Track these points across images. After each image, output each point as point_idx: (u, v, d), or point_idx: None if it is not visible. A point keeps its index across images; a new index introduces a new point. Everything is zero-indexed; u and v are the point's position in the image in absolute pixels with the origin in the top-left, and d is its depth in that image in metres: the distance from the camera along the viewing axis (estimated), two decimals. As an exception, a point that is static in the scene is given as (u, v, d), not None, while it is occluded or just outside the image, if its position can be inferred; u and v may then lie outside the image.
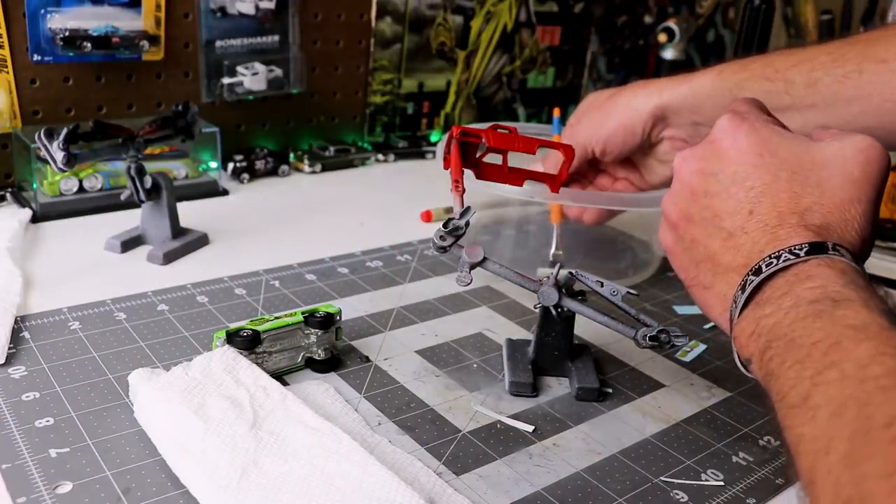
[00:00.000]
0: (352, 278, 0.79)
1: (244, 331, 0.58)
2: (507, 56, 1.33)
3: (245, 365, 0.56)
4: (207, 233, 0.86)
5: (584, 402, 0.60)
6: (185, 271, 0.77)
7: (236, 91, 1.06)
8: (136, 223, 0.84)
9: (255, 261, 0.80)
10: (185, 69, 1.03)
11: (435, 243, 0.54)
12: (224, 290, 0.73)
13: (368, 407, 0.57)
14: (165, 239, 0.82)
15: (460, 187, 0.56)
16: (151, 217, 0.83)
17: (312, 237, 0.89)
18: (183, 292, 0.72)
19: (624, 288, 0.57)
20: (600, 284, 0.57)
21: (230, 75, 1.06)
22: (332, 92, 1.18)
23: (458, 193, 0.56)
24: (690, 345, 0.70)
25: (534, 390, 0.60)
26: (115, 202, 0.89)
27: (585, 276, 0.58)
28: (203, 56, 1.03)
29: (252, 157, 1.07)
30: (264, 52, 1.08)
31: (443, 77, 1.28)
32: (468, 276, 0.54)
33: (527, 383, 0.60)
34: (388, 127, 1.25)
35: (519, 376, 0.60)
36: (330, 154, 1.14)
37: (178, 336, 0.65)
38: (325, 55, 1.15)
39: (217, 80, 1.05)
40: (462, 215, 0.55)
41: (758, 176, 0.48)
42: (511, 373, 0.61)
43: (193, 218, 0.89)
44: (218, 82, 1.05)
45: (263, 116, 1.13)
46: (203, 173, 1.02)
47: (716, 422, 0.60)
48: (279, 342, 0.60)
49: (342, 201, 1.03)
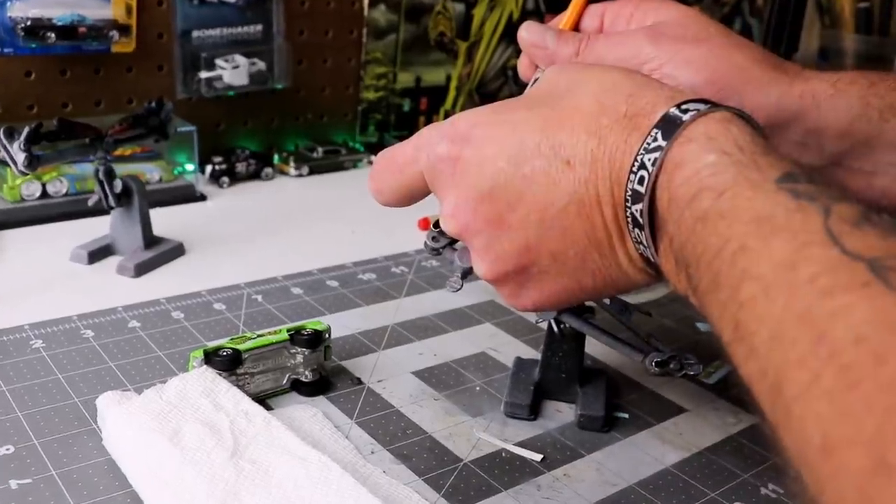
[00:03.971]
0: (342, 292, 0.79)
1: (224, 350, 0.58)
2: (513, 47, 1.33)
3: (225, 387, 0.56)
4: (183, 242, 0.86)
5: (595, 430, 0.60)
6: (159, 284, 0.78)
7: (215, 86, 1.07)
8: (104, 231, 0.84)
9: (236, 273, 0.81)
10: (159, 62, 1.04)
11: (427, 245, 0.54)
12: (202, 305, 0.74)
13: (360, 433, 0.58)
14: (137, 249, 0.82)
15: None
16: (122, 225, 0.83)
17: (299, 247, 0.89)
18: (156, 307, 0.72)
19: (633, 305, 0.57)
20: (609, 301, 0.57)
21: (208, 69, 1.06)
22: (321, 87, 1.19)
23: None
24: (714, 365, 0.71)
25: (532, 413, 0.60)
26: (82, 208, 0.89)
27: None
28: (178, 48, 1.04)
29: (232, 159, 1.08)
30: (246, 43, 1.08)
31: (442, 71, 1.28)
32: (458, 282, 0.54)
33: (523, 405, 0.60)
34: (381, 125, 1.26)
35: (516, 397, 0.61)
36: (318, 155, 1.15)
37: (150, 355, 0.65)
38: (313, 47, 1.16)
39: (194, 75, 1.06)
40: None
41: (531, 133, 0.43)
42: (509, 393, 0.61)
43: (168, 226, 0.90)
44: (195, 76, 1.06)
45: (245, 114, 1.14)
46: (179, 177, 1.03)
47: (743, 450, 0.60)
48: (262, 362, 0.60)
49: (332, 207, 1.03)
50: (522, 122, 0.44)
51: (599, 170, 0.41)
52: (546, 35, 0.57)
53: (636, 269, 0.43)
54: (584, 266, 0.44)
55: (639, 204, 0.40)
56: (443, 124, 0.47)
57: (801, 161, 0.38)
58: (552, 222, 0.43)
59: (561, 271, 0.45)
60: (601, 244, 0.43)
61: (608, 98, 0.42)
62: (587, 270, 0.44)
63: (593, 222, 0.42)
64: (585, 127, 0.42)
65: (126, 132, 0.82)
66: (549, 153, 0.42)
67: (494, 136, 0.44)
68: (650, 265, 0.43)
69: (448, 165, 0.46)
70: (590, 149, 0.41)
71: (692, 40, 0.54)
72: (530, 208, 0.43)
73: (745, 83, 0.53)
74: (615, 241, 0.43)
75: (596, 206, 0.42)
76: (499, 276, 0.46)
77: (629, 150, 0.40)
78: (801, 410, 0.28)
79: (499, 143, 0.44)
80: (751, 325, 0.32)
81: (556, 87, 0.46)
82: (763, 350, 0.31)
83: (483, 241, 0.46)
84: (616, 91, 0.42)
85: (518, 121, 0.44)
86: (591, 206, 0.42)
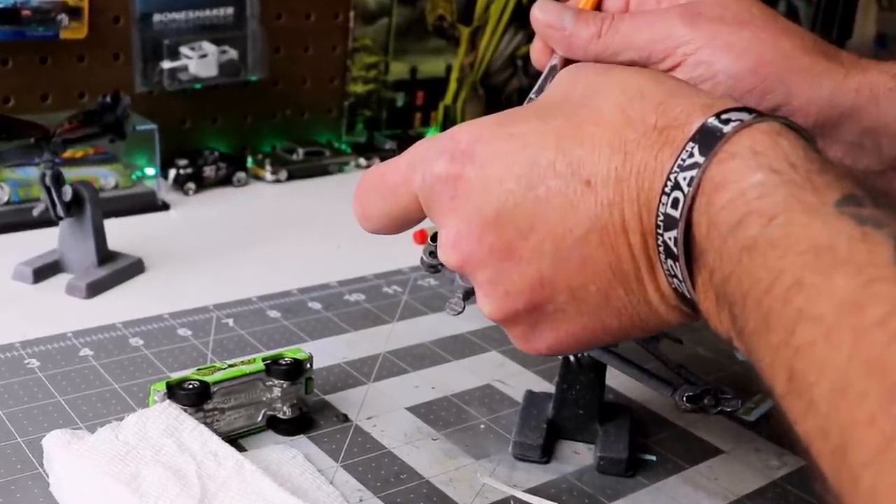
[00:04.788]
0: (326, 316, 0.79)
1: (189, 382, 0.58)
2: (523, 33, 1.33)
3: (191, 426, 0.56)
4: (143, 258, 0.86)
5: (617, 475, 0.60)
6: (115, 307, 0.78)
7: (179, 78, 1.07)
8: (52, 245, 0.84)
9: (204, 293, 0.81)
10: (115, 50, 1.04)
11: (424, 261, 0.54)
12: (164, 330, 0.74)
13: (347, 478, 0.58)
14: (90, 266, 0.82)
15: None
16: (72, 238, 0.83)
17: (276, 263, 0.89)
18: (111, 333, 0.73)
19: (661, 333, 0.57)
20: None
21: (172, 58, 1.06)
22: (302, 79, 1.19)
23: None
24: (755, 399, 0.71)
25: (544, 455, 0.61)
26: (26, 219, 0.89)
27: None
28: (137, 33, 1.04)
29: (200, 162, 1.08)
30: (215, 28, 1.08)
31: (441, 60, 1.29)
32: (460, 304, 0.54)
33: (535, 445, 0.60)
34: (371, 123, 1.26)
35: (526, 436, 0.61)
36: (298, 158, 1.15)
37: (105, 388, 0.65)
38: (293, 32, 1.16)
39: (155, 65, 1.06)
40: None
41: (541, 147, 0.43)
42: (519, 432, 0.61)
43: (125, 239, 0.89)
44: (156, 67, 1.06)
45: (214, 110, 1.14)
46: (137, 182, 1.03)
47: (788, 497, 0.60)
48: (234, 397, 0.60)
49: (314, 218, 1.03)
50: (534, 136, 0.43)
51: (625, 191, 0.40)
52: (563, 15, 0.56)
53: (669, 306, 0.43)
54: (607, 303, 0.43)
55: (672, 231, 0.39)
56: (440, 138, 0.47)
57: (862, 179, 0.38)
58: (570, 252, 0.42)
59: (580, 310, 0.44)
60: (627, 278, 0.42)
61: (634, 107, 0.41)
62: (611, 308, 0.43)
63: (618, 252, 0.41)
64: (608, 141, 0.41)
65: (77, 131, 0.82)
66: (565, 172, 0.41)
67: (501, 153, 0.44)
68: (685, 302, 0.42)
69: (447, 187, 0.45)
70: (614, 166, 0.40)
71: (733, 22, 0.54)
72: (544, 236, 0.42)
73: (793, 73, 0.53)
74: (644, 275, 0.42)
75: (621, 233, 0.41)
76: (508, 316, 0.46)
77: (660, 169, 0.39)
78: (873, 480, 0.27)
79: (507, 161, 0.43)
80: (809, 375, 0.31)
81: (571, 93, 0.45)
82: (824, 405, 0.30)
83: (489, 275, 0.45)
84: (643, 98, 0.42)
85: (528, 134, 0.43)
86: (616, 234, 0.41)
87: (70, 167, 0.93)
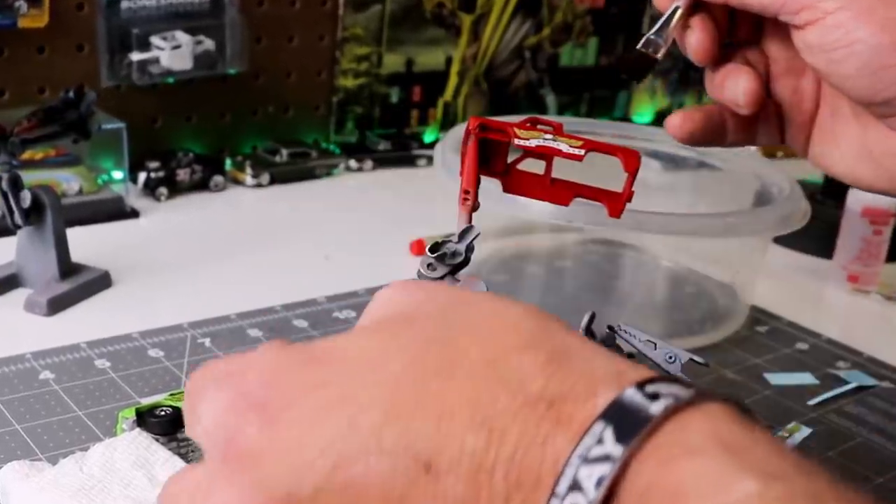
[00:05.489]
0: (313, 335, 0.79)
1: (161, 408, 0.58)
2: (531, 22, 1.34)
3: (163, 457, 0.55)
4: (110, 271, 0.86)
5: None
6: (79, 325, 0.78)
7: (150, 71, 1.07)
8: (9, 257, 0.84)
9: (177, 310, 0.81)
10: (79, 41, 1.04)
11: (421, 274, 0.54)
12: (133, 350, 0.74)
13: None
14: (51, 279, 0.82)
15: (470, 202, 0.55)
16: (31, 249, 0.83)
17: (258, 277, 0.90)
18: (75, 354, 0.72)
19: (685, 353, 0.57)
20: (652, 346, 0.57)
21: (141, 49, 1.06)
22: (285, 72, 1.19)
23: (467, 210, 0.55)
24: (789, 429, 0.71)
25: None
26: (-20, 228, 0.88)
27: (632, 332, 0.58)
28: (103, 22, 1.04)
29: (173, 165, 1.07)
30: (190, 16, 1.08)
31: (440, 51, 1.29)
32: None
33: None
34: (363, 122, 1.26)
35: None
36: (282, 160, 1.15)
37: (68, 416, 0.65)
38: (276, 21, 1.16)
39: (123, 56, 1.05)
40: (461, 237, 0.55)
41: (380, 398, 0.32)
42: None
43: (90, 250, 0.89)
44: (124, 59, 1.06)
45: (189, 107, 1.14)
46: (104, 187, 1.03)
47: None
48: None
49: (299, 226, 1.03)
50: (353, 387, 0.33)
51: (487, 486, 0.30)
52: None
53: None
54: None
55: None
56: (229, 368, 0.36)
57: None
58: None
59: None
60: None
61: (510, 361, 0.32)
62: None
63: None
64: (465, 408, 0.31)
65: (36, 130, 0.82)
66: (394, 447, 0.31)
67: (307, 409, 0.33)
68: None
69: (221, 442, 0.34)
70: (470, 448, 0.30)
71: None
72: None
73: None
74: None
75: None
76: None
77: (550, 458, 0.29)
78: None
79: (312, 422, 0.32)
80: None
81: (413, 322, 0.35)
82: None
83: None
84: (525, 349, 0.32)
85: (345, 383, 0.33)
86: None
87: (29, 170, 0.92)
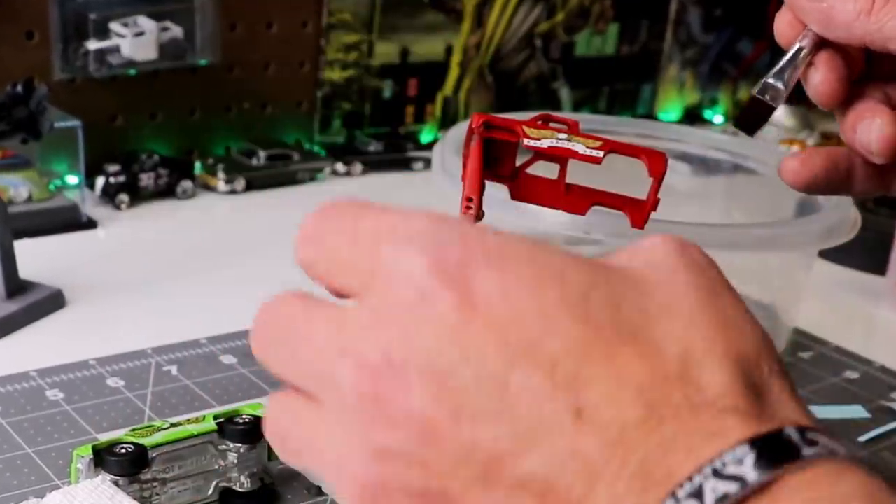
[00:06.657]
0: (295, 362, 0.75)
1: (122, 446, 0.57)
2: (542, 6, 1.32)
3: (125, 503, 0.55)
4: (63, 289, 0.85)
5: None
6: (27, 350, 0.77)
7: (109, 62, 1.05)
8: (-52, 273, 0.86)
9: (140, 333, 0.80)
10: (27, 27, 1.03)
11: None
12: (89, 380, 0.73)
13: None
14: (-4, 298, 0.84)
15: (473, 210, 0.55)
16: (-26, 263, 0.85)
17: (231, 296, 0.87)
18: (23, 384, 0.71)
19: None
20: None
21: (99, 37, 1.05)
22: (263, 63, 1.18)
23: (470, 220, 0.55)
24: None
25: None
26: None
27: None
28: (56, 6, 1.03)
29: (135, 169, 1.06)
30: (155, -1, 1.10)
31: (440, 39, 1.27)
32: None
33: None
34: (351, 120, 1.25)
35: None
36: (259, 163, 1.13)
37: (16, 454, 0.64)
38: (252, 5, 1.15)
39: (79, 45, 1.04)
40: None
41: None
42: None
43: (41, 265, 0.88)
44: (80, 48, 1.04)
45: (153, 103, 1.12)
46: (56, 193, 1.02)
47: None
48: (179, 464, 0.59)
49: (278, 238, 0.98)
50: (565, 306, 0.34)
51: (618, 459, 0.31)
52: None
53: None
54: None
55: None
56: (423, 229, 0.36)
57: None
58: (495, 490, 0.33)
59: None
60: None
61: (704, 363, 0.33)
62: None
63: None
64: (641, 381, 0.32)
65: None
66: (559, 380, 0.32)
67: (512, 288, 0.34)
68: None
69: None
70: (625, 418, 0.32)
71: None
72: (475, 445, 0.33)
73: None
74: None
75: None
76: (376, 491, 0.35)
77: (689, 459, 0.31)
78: None
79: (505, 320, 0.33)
80: None
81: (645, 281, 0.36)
82: None
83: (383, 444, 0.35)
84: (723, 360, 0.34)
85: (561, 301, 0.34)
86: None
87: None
